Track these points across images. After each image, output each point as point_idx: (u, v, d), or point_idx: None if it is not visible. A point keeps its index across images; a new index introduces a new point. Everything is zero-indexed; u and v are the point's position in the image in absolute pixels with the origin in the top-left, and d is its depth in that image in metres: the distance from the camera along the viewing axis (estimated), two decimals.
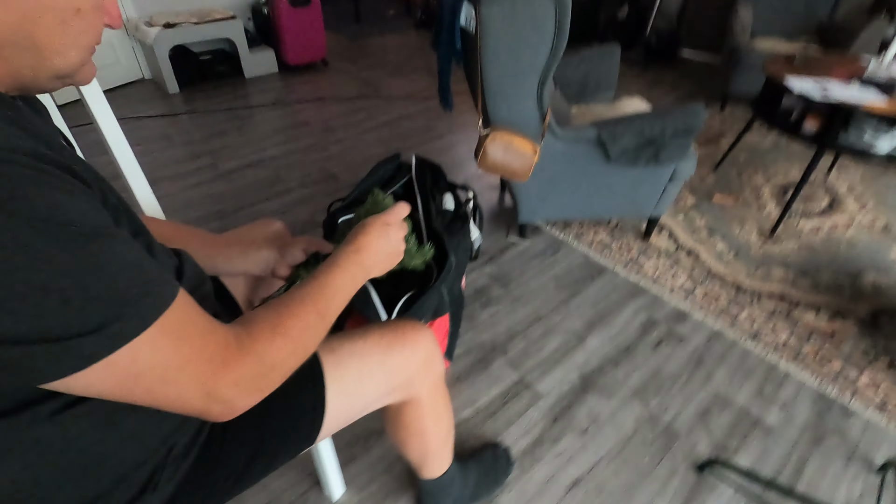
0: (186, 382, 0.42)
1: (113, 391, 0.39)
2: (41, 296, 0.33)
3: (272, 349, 0.48)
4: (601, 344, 1.57)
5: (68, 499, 0.50)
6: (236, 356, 0.45)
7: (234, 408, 0.46)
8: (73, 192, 0.36)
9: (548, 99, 1.52)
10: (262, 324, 0.49)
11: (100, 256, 0.36)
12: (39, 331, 0.33)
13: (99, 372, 0.37)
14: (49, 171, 0.35)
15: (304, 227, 2.06)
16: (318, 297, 0.56)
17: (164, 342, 0.40)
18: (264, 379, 0.48)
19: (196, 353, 0.42)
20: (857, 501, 1.18)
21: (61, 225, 0.34)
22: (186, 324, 0.42)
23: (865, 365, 1.52)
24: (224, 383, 0.44)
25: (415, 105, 3.25)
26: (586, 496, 1.18)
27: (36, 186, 0.33)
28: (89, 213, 0.36)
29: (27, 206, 0.32)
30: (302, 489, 1.17)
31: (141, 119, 2.97)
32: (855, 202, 2.29)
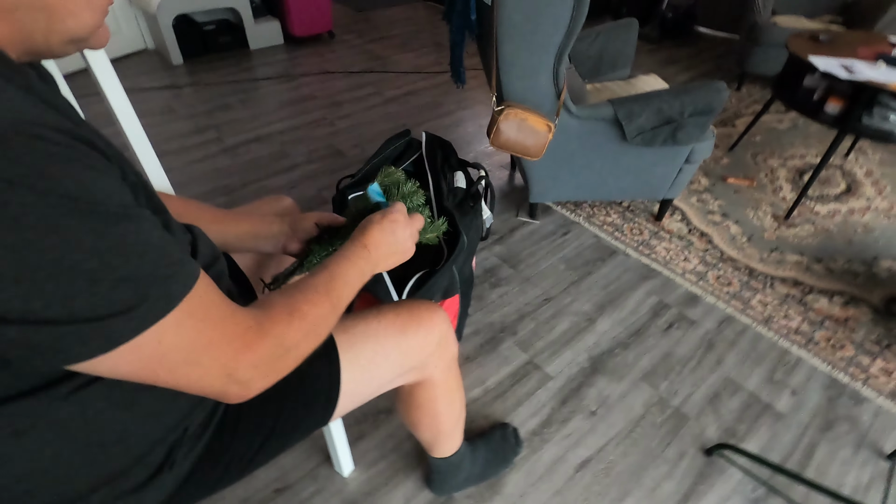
0: (209, 364, 0.41)
1: (138, 372, 0.39)
2: (70, 277, 0.32)
3: (291, 333, 0.48)
4: (611, 326, 1.56)
5: (87, 477, 0.49)
6: (256, 339, 0.45)
7: (251, 389, 0.46)
8: (100, 170, 0.35)
9: (563, 75, 1.47)
10: (280, 308, 0.49)
11: (127, 237, 0.35)
12: (69, 312, 0.32)
13: (125, 354, 0.36)
14: (77, 148, 0.33)
15: (310, 203, 2.04)
16: (330, 286, 0.56)
17: (188, 324, 0.39)
18: (281, 361, 0.48)
19: (218, 335, 0.41)
20: (866, 488, 1.18)
21: (90, 205, 0.33)
22: (209, 306, 0.41)
23: (878, 352, 1.50)
24: (244, 365, 0.44)
25: (423, 80, 3.18)
26: (594, 477, 1.18)
27: (64, 164, 0.32)
28: (116, 192, 0.35)
29: (57, 185, 0.31)
30: (311, 465, 1.17)
31: (144, 91, 2.92)
32: (872, 187, 2.24)
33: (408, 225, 0.69)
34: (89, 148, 0.35)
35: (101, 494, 0.51)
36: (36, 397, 0.41)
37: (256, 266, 0.93)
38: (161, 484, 0.56)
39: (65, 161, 0.32)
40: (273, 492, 1.12)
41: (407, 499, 1.12)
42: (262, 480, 1.14)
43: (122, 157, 0.42)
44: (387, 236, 0.66)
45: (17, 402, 0.41)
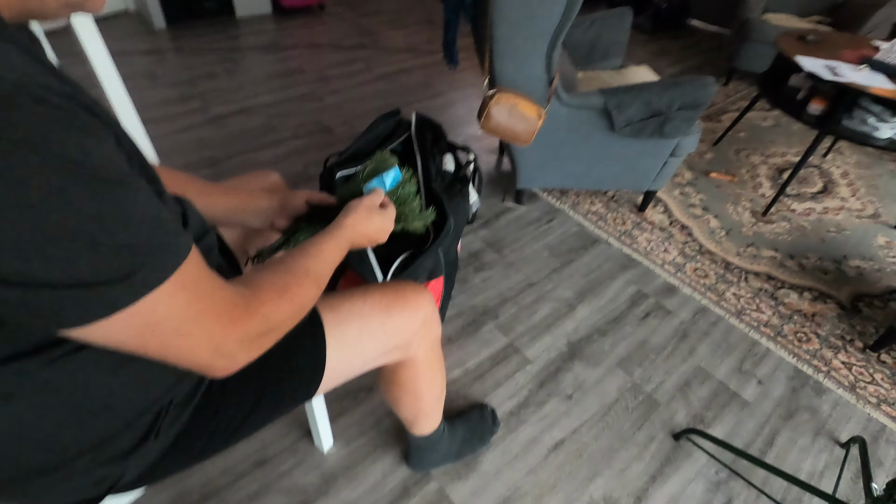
0: (198, 336, 0.42)
1: (130, 341, 0.39)
2: (72, 241, 0.32)
3: (277, 311, 0.50)
4: (590, 313, 1.59)
5: (73, 442, 0.50)
6: (244, 314, 0.46)
7: (236, 363, 0.47)
8: (100, 137, 0.34)
9: (556, 62, 1.47)
10: (268, 286, 0.51)
11: (127, 204, 0.35)
12: (69, 276, 0.33)
13: (121, 321, 0.37)
14: (78, 114, 0.33)
15: (297, 180, 2.02)
16: (315, 264, 0.58)
17: (180, 295, 0.40)
18: (265, 337, 0.49)
19: (208, 308, 0.42)
20: (821, 473, 1.25)
21: (92, 170, 0.33)
22: (200, 279, 0.42)
23: (841, 346, 1.57)
24: (231, 339, 0.44)
25: (415, 58, 3.14)
26: (567, 457, 1.22)
27: (67, 129, 0.32)
28: (115, 159, 0.35)
29: (60, 150, 0.31)
30: (291, 440, 1.19)
31: (124, 55, 2.82)
32: (847, 188, 2.31)
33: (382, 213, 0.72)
34: (89, 114, 0.34)
35: (85, 460, 0.51)
36: (24, 362, 0.41)
37: (243, 240, 0.93)
38: (145, 452, 0.57)
39: (68, 126, 0.32)
40: (253, 464, 1.14)
41: (385, 474, 1.15)
42: (243, 453, 1.15)
43: (117, 123, 0.41)
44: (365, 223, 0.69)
45: (5, 365, 0.41)
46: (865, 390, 1.45)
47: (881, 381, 1.47)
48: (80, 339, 0.37)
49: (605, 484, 1.18)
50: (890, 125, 1.84)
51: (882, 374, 1.49)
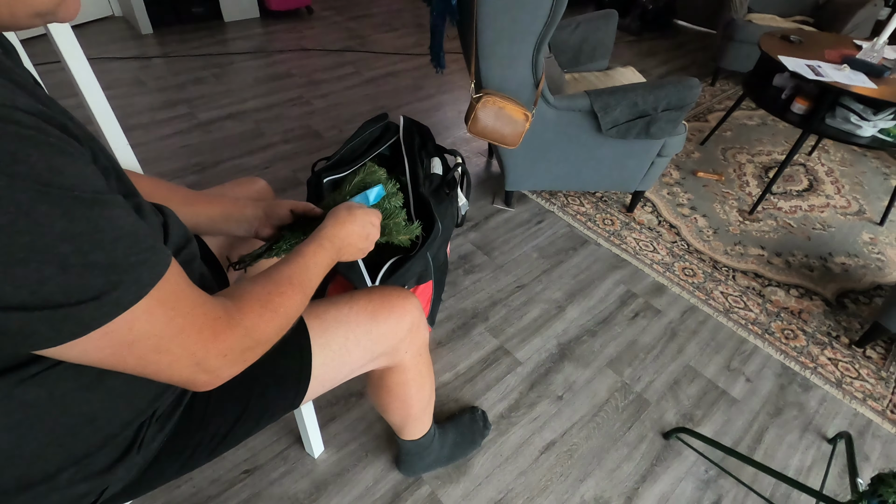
0: (178, 352, 0.42)
1: (107, 359, 0.39)
2: (41, 262, 0.32)
3: (261, 324, 0.49)
4: (580, 314, 1.60)
5: (55, 457, 0.49)
6: (226, 329, 0.45)
7: (218, 378, 0.47)
8: (72, 154, 0.34)
9: (542, 65, 1.48)
10: (250, 299, 0.50)
11: (99, 222, 0.35)
12: (39, 297, 0.32)
13: (95, 340, 0.36)
14: (49, 132, 0.33)
15: (285, 185, 2.01)
16: (301, 275, 0.58)
17: (158, 312, 0.39)
18: (250, 352, 0.49)
19: (188, 323, 0.42)
20: (809, 469, 1.26)
21: (62, 190, 0.32)
22: (179, 294, 0.41)
23: (828, 342, 1.59)
24: (213, 354, 0.44)
25: (403, 62, 3.14)
26: (558, 459, 1.23)
27: (37, 148, 0.31)
28: (88, 177, 0.35)
29: (29, 170, 0.31)
30: (281, 447, 1.18)
31: (111, 60, 2.80)
32: (832, 185, 2.34)
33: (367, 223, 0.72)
34: (61, 132, 0.34)
35: (68, 474, 0.51)
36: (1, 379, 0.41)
37: (228, 249, 0.92)
38: (130, 465, 0.56)
39: (37, 145, 0.31)
40: (242, 472, 1.13)
41: (376, 479, 1.15)
42: (232, 461, 1.15)
43: (93, 139, 0.41)
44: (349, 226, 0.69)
45: None
46: (852, 386, 1.46)
47: (867, 377, 1.49)
48: (56, 357, 0.37)
49: (596, 484, 1.18)
50: (872, 123, 1.87)
51: (868, 370, 1.51)
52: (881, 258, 1.95)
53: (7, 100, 0.32)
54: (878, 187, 2.36)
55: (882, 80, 1.87)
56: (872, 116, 1.86)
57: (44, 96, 0.38)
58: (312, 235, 0.65)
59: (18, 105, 0.32)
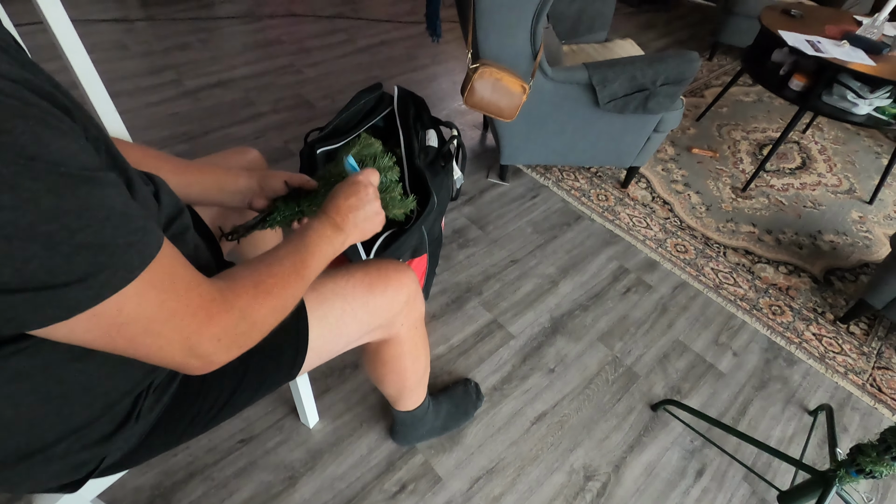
0: (169, 335, 0.41)
1: (95, 340, 0.38)
2: (27, 240, 0.30)
3: (255, 306, 0.48)
4: (573, 289, 1.61)
5: (52, 428, 0.49)
6: (220, 311, 0.44)
7: (211, 363, 0.46)
8: (61, 129, 0.32)
9: (541, 35, 1.44)
10: (245, 281, 0.49)
11: (88, 201, 0.33)
12: (23, 278, 0.31)
13: (82, 322, 0.35)
14: (36, 104, 0.31)
15: (277, 156, 1.97)
16: (299, 259, 0.56)
17: (150, 294, 0.38)
18: (245, 336, 0.48)
19: (181, 306, 0.41)
20: (790, 440, 1.31)
21: (49, 165, 0.30)
22: (172, 276, 0.40)
23: (813, 319, 1.62)
24: (206, 337, 0.43)
25: (397, 30, 3.05)
26: (549, 429, 1.25)
27: (23, 120, 0.30)
28: (78, 154, 0.33)
29: (13, 142, 0.29)
30: (277, 417, 1.20)
31: (92, 22, 2.69)
32: (824, 163, 2.35)
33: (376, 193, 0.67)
34: (50, 104, 0.32)
35: (64, 445, 0.51)
36: None
37: (221, 219, 0.91)
38: (126, 436, 0.57)
39: (22, 116, 0.30)
40: (238, 442, 1.14)
41: (371, 449, 1.17)
42: (228, 431, 1.16)
43: (81, 110, 0.39)
44: (355, 211, 0.63)
45: None
46: (834, 360, 1.50)
47: (849, 352, 1.53)
48: (45, 337, 0.36)
49: (586, 454, 1.22)
50: (868, 101, 1.86)
51: (850, 345, 1.55)
52: (869, 237, 1.98)
53: None
54: (869, 166, 2.37)
55: (881, 57, 1.86)
56: (869, 94, 1.86)
57: (28, 62, 0.36)
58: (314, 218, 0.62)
59: (5, 74, 0.30)
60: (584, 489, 1.15)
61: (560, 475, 1.17)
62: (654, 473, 1.20)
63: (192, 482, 1.07)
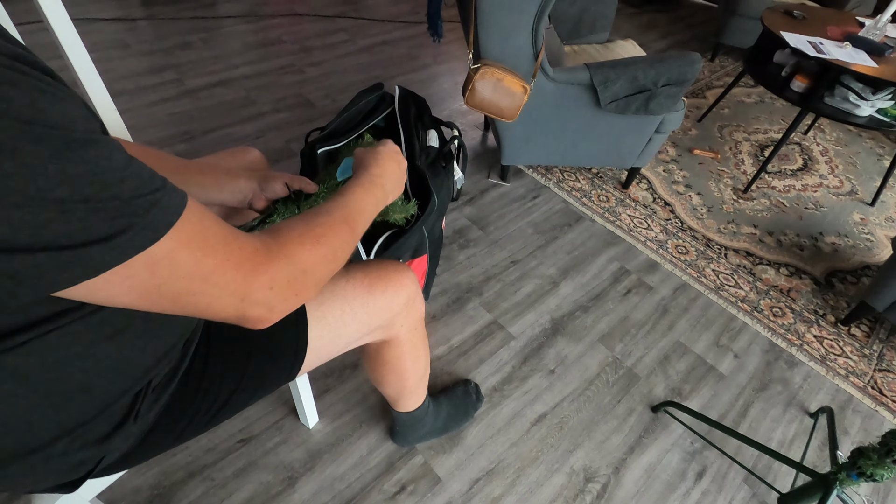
0: (215, 291, 0.40)
1: (138, 302, 0.38)
2: (38, 204, 0.30)
3: (302, 252, 0.48)
4: (573, 290, 1.61)
5: (49, 427, 0.49)
6: (265, 260, 0.44)
7: (273, 310, 0.46)
8: (58, 96, 0.32)
9: (542, 36, 1.44)
10: (291, 231, 0.49)
11: (98, 163, 0.32)
12: (41, 239, 0.31)
13: (115, 282, 0.35)
14: (30, 73, 0.31)
15: (278, 156, 1.97)
16: (346, 211, 0.57)
17: (183, 253, 0.37)
18: (298, 282, 0.47)
19: (220, 261, 0.40)
20: (791, 442, 1.30)
21: (48, 128, 0.30)
22: (204, 233, 0.39)
23: (814, 321, 1.62)
24: (257, 287, 0.43)
25: (399, 29, 3.05)
26: (549, 430, 1.25)
27: (16, 87, 0.29)
28: (78, 119, 0.32)
29: (7, 107, 0.28)
30: (276, 417, 1.19)
31: (92, 21, 2.69)
32: (826, 165, 2.35)
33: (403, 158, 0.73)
34: (47, 76, 0.32)
35: (64, 443, 0.51)
36: None
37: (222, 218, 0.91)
38: (126, 434, 0.56)
39: (15, 83, 0.29)
40: (238, 442, 1.14)
41: (370, 449, 1.16)
42: (227, 431, 1.16)
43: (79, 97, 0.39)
44: (394, 164, 0.70)
45: None
46: (835, 362, 1.50)
47: (850, 354, 1.53)
48: (85, 299, 0.36)
49: (586, 455, 1.21)
50: (870, 103, 1.86)
51: (851, 347, 1.55)
52: (870, 238, 1.97)
53: None
54: (871, 168, 2.37)
55: (883, 58, 1.86)
56: (871, 96, 1.85)
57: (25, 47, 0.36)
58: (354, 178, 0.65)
59: None
60: (584, 491, 1.15)
61: (560, 476, 1.17)
62: (655, 475, 1.20)
63: (191, 482, 1.07)
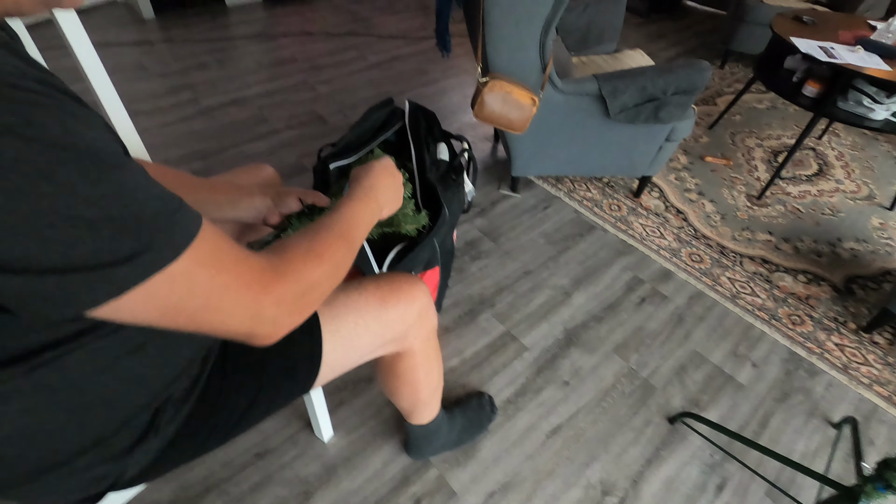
0: (229, 308, 0.42)
1: (158, 320, 0.39)
2: (69, 224, 0.32)
3: (307, 270, 0.49)
4: (587, 300, 1.60)
5: (72, 442, 0.50)
6: (273, 279, 0.45)
7: (280, 326, 0.47)
8: (87, 121, 0.34)
9: (550, 48, 1.46)
10: (295, 249, 0.51)
11: (123, 185, 0.34)
12: (69, 260, 0.32)
13: (139, 302, 0.37)
14: (61, 99, 0.33)
15: (291, 172, 2.00)
16: (343, 226, 0.59)
17: (199, 271, 0.39)
18: (303, 299, 0.49)
19: (233, 279, 0.42)
20: (814, 454, 1.27)
21: (80, 152, 0.32)
22: (218, 252, 0.41)
23: (835, 328, 1.59)
24: (266, 304, 0.44)
25: (408, 45, 3.10)
26: (564, 443, 1.24)
27: (50, 113, 0.31)
28: (106, 142, 0.35)
29: (43, 133, 0.30)
30: (292, 431, 1.20)
31: (113, 45, 2.78)
32: (842, 170, 2.31)
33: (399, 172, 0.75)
34: (75, 101, 0.34)
35: (86, 458, 0.52)
36: (22, 363, 0.41)
37: (236, 235, 0.93)
38: (146, 449, 0.57)
39: (49, 109, 0.31)
40: (254, 456, 1.15)
41: (385, 463, 1.16)
42: (244, 445, 1.17)
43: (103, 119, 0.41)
44: (386, 178, 0.71)
45: (4, 367, 0.41)
46: (858, 371, 1.46)
47: (873, 362, 1.49)
48: (109, 318, 0.37)
49: (602, 468, 1.20)
50: (885, 106, 1.83)
51: (874, 355, 1.51)
52: (890, 243, 1.93)
53: (18, 70, 0.32)
54: (888, 171, 2.33)
55: None
56: (886, 99, 1.83)
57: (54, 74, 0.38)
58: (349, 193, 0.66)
59: (28, 75, 0.32)
60: None
61: (577, 490, 1.15)
62: (674, 488, 1.17)
63: (208, 496, 1.08)
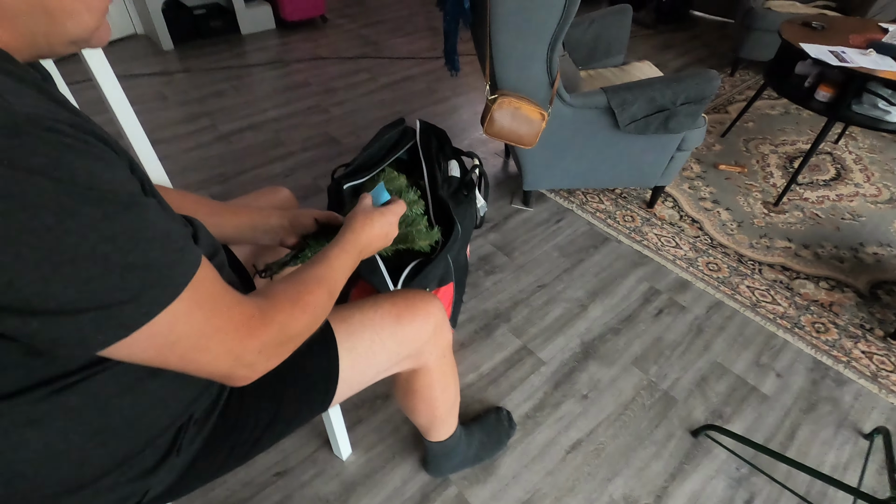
0: (217, 350, 0.44)
1: (152, 359, 0.41)
2: (88, 261, 0.34)
3: (293, 321, 0.52)
4: (603, 312, 1.59)
5: (97, 462, 0.51)
6: (261, 326, 0.48)
7: (256, 372, 0.49)
8: (110, 162, 0.36)
9: (557, 63, 1.47)
10: (282, 298, 0.53)
11: (137, 224, 0.37)
12: (86, 298, 0.34)
13: (141, 342, 0.39)
14: (88, 141, 0.35)
15: (307, 193, 2.05)
16: (329, 276, 0.61)
17: (197, 313, 0.41)
18: (283, 347, 0.52)
19: (225, 322, 0.44)
20: (845, 466, 1.23)
21: (102, 193, 0.34)
22: (214, 295, 0.44)
23: (861, 335, 1.54)
24: (250, 349, 0.47)
25: (417, 66, 3.16)
26: (585, 458, 1.22)
27: (77, 155, 0.34)
28: (125, 182, 0.37)
29: (72, 174, 0.33)
30: (310, 450, 1.21)
31: (135, 77, 2.89)
32: (861, 173, 2.27)
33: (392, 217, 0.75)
34: (100, 143, 0.37)
35: (111, 478, 0.53)
36: (49, 387, 0.43)
37: (253, 257, 0.95)
38: (170, 467, 0.59)
39: (77, 152, 0.34)
40: (274, 475, 1.16)
41: (404, 480, 1.16)
42: (263, 464, 1.17)
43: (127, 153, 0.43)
44: (381, 240, 0.72)
45: (33, 391, 0.42)
46: (888, 379, 1.42)
47: None
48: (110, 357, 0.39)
49: (625, 483, 1.17)
50: None
51: None
52: None
53: (50, 112, 0.34)
54: None
55: None
56: None
57: (83, 114, 0.40)
58: (335, 240, 0.67)
59: (59, 118, 0.34)
60: None
61: None
62: (700, 503, 1.14)
63: None
